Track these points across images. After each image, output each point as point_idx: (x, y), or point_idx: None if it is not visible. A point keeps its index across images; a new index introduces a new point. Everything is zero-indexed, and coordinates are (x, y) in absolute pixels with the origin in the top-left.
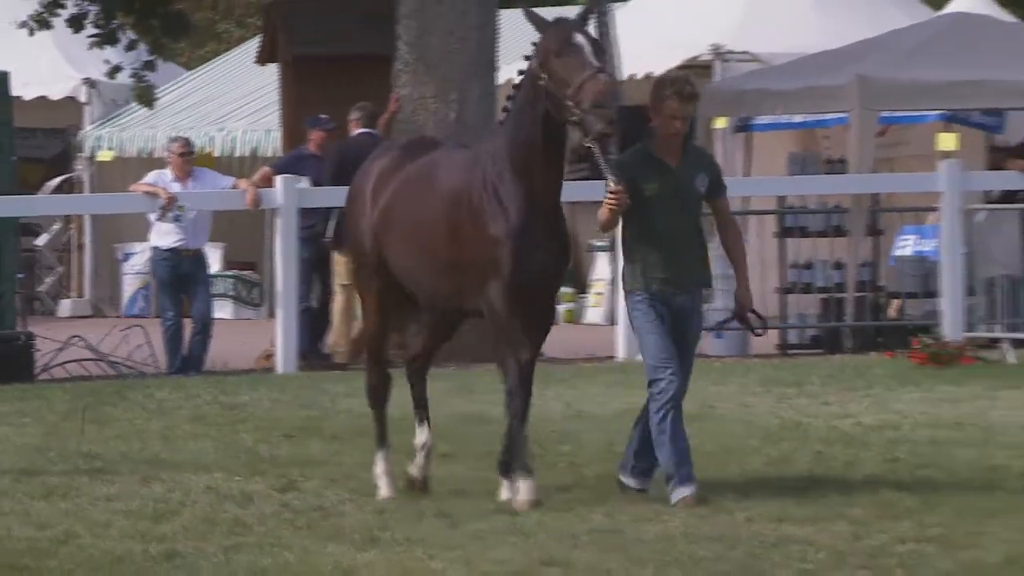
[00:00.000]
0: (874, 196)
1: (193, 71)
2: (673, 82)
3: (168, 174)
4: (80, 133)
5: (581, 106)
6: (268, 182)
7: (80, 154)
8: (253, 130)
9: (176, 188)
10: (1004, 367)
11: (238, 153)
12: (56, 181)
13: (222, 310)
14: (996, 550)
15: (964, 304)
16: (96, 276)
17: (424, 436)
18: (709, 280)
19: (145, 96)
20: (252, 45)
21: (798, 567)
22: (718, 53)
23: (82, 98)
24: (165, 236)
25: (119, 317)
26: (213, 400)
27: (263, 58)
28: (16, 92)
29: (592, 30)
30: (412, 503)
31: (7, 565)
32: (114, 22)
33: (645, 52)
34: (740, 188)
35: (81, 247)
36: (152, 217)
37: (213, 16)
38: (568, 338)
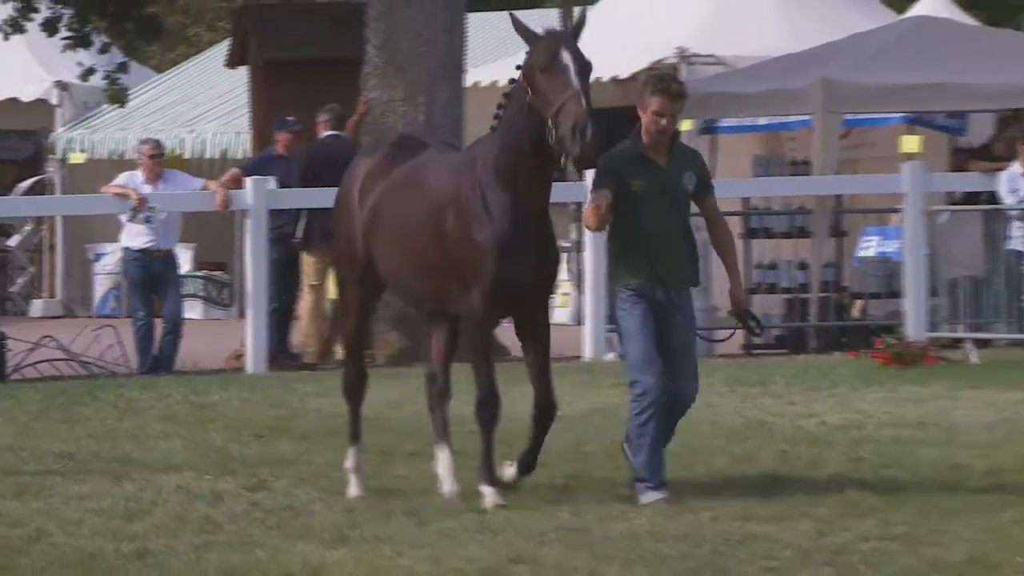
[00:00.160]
0: (838, 197)
1: (164, 74)
2: (661, 79)
3: (139, 176)
4: (52, 135)
5: (560, 128)
6: (237, 183)
7: (52, 156)
8: (223, 132)
9: (147, 190)
10: (967, 367)
11: (208, 155)
12: (28, 182)
13: (192, 310)
14: (959, 548)
15: (927, 304)
16: (68, 276)
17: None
18: (696, 279)
19: (117, 98)
20: (222, 48)
21: (763, 565)
22: (683, 56)
23: (54, 100)
24: (136, 237)
25: (90, 317)
26: (184, 400)
27: (233, 61)
28: None
29: (580, 45)
30: (381, 502)
31: None
32: (88, 26)
33: (611, 55)
34: None
35: (53, 248)
36: (123, 218)
37: (184, 20)
38: None
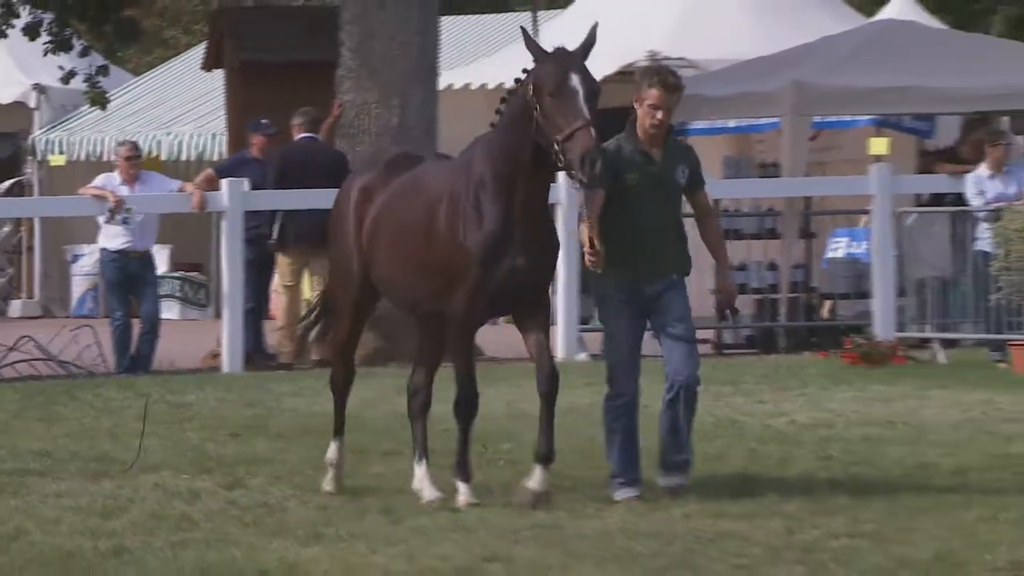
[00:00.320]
0: (807, 199)
1: (140, 77)
2: (657, 72)
3: (116, 177)
4: (30, 137)
5: (568, 154)
6: (211, 184)
7: (30, 158)
8: (199, 134)
9: (124, 191)
10: (934, 367)
11: (184, 157)
12: (6, 184)
13: (169, 311)
14: (927, 546)
15: (895, 305)
16: (46, 277)
17: (422, 472)
18: (687, 269)
19: (98, 100)
20: (198, 51)
21: (734, 562)
22: (655, 59)
23: (31, 103)
24: (113, 238)
25: (68, 317)
26: (160, 399)
27: (209, 64)
28: None
29: (588, 65)
30: (355, 499)
31: None
32: (68, 29)
33: None
34: None
35: (31, 249)
36: (101, 220)
37: (160, 23)
38: (509, 338)
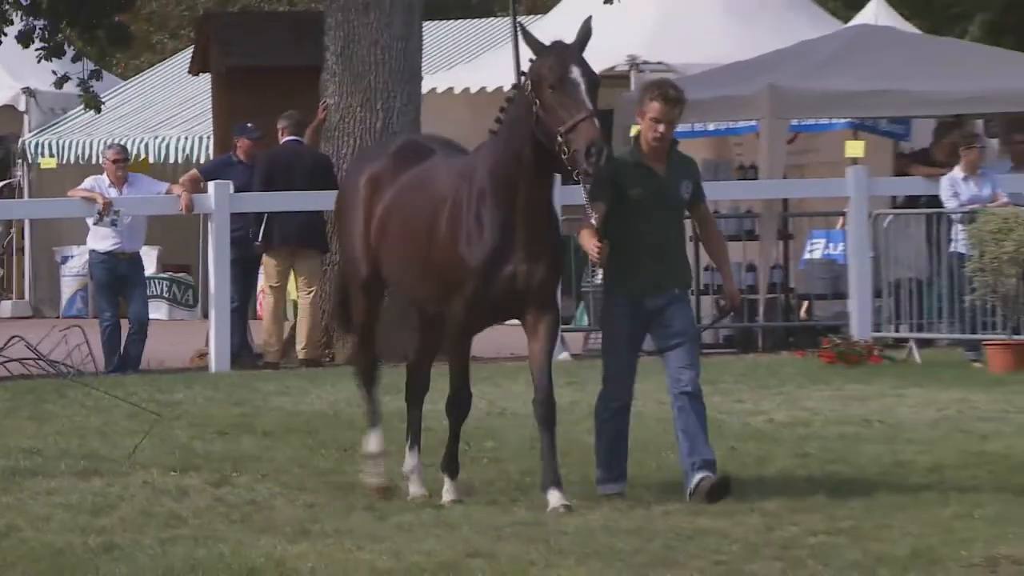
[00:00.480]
0: (785, 201)
1: (128, 81)
2: (659, 85)
3: (105, 180)
4: (20, 140)
5: (572, 145)
6: (196, 184)
7: (20, 161)
8: (186, 138)
9: (113, 194)
10: (910, 366)
11: (172, 160)
12: None
13: (157, 311)
14: (903, 542)
15: (872, 305)
16: (36, 278)
17: (414, 461)
18: (689, 282)
19: (93, 104)
20: (185, 56)
21: (713, 559)
22: (634, 64)
23: (21, 106)
24: (102, 240)
25: (58, 318)
26: (149, 398)
27: (196, 68)
28: None
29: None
30: (341, 497)
31: None
32: (59, 36)
33: None
34: None
35: (21, 250)
36: (90, 221)
37: (148, 28)
38: (491, 337)
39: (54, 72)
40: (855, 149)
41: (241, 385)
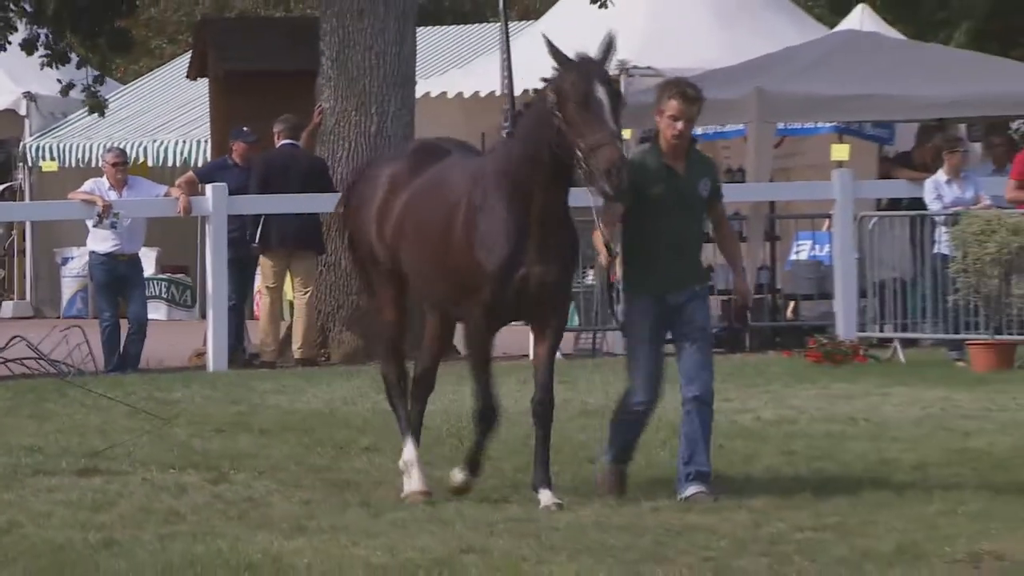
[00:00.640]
0: (771, 204)
1: (127, 85)
2: (676, 83)
3: (105, 183)
4: (21, 144)
5: (592, 165)
6: (192, 186)
7: (20, 164)
8: (184, 141)
9: (112, 196)
10: (895, 365)
11: (170, 163)
12: None
13: (156, 311)
14: (888, 538)
15: (857, 305)
16: (37, 279)
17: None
18: (707, 279)
19: (97, 107)
20: (183, 61)
21: (702, 555)
22: (623, 69)
23: (22, 111)
24: (102, 241)
25: (59, 318)
26: (148, 396)
27: (193, 73)
28: None
29: (610, 70)
30: (337, 494)
31: None
32: (62, 43)
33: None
34: None
35: (22, 252)
36: (90, 223)
37: (147, 33)
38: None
39: (59, 80)
40: (840, 152)
41: (238, 384)
